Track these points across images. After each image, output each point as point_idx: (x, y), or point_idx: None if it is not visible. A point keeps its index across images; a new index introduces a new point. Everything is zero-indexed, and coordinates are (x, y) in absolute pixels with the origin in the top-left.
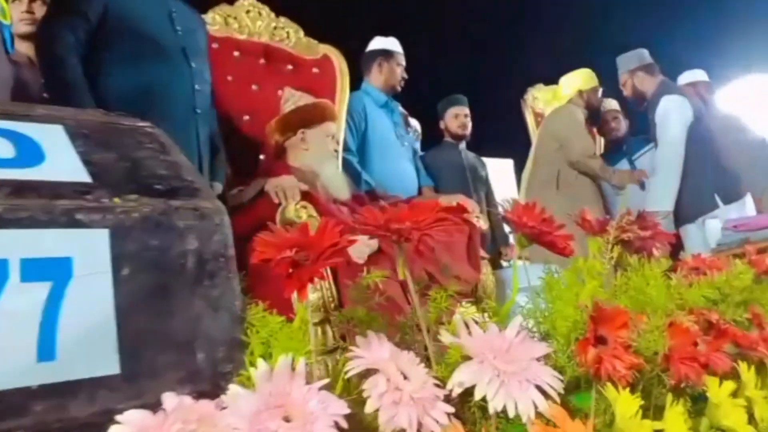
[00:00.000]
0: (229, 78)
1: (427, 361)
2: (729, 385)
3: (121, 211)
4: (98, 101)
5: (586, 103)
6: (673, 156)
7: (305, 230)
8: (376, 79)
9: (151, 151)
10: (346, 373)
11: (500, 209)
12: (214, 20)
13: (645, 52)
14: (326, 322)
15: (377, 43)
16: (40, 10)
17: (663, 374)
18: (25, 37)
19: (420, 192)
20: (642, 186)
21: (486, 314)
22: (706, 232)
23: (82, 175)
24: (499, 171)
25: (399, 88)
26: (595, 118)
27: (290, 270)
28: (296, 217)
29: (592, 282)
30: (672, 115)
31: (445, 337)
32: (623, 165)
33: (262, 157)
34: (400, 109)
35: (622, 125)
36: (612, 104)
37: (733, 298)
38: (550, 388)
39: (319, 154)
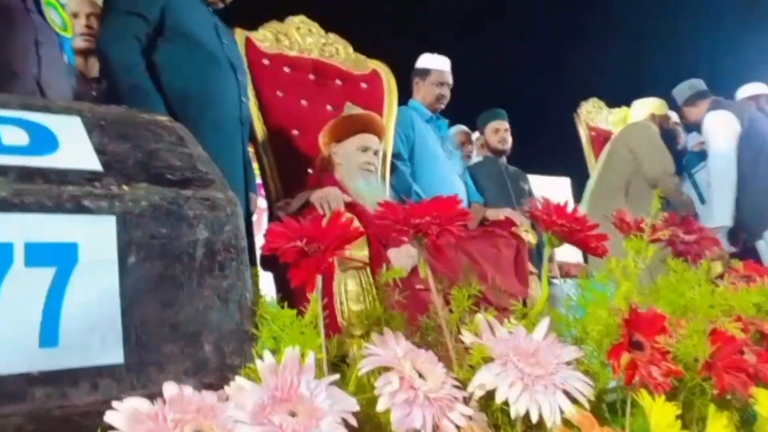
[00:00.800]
0: (279, 93)
1: (448, 362)
2: None
3: (130, 199)
4: None
5: (658, 126)
6: (723, 170)
7: (317, 222)
8: (416, 96)
9: (168, 143)
10: (359, 370)
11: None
12: (265, 37)
13: (696, 81)
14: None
15: (419, 61)
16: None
17: (705, 383)
18: (80, 52)
19: (469, 207)
20: (702, 200)
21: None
22: None
23: (94, 164)
24: (556, 189)
25: (439, 106)
26: (667, 140)
27: (298, 260)
28: None
29: (625, 283)
30: (716, 130)
31: (468, 338)
32: (683, 179)
33: (311, 171)
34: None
35: (682, 138)
36: (672, 116)
37: None
38: (579, 393)
39: (348, 168)
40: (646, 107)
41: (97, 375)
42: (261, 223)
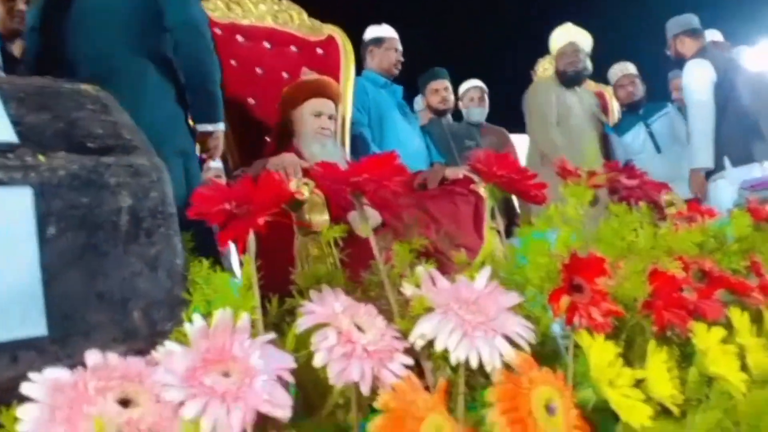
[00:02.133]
0: (233, 63)
1: (390, 315)
2: (718, 332)
3: (47, 169)
4: None
5: (555, 68)
6: (700, 115)
7: (247, 184)
8: (370, 65)
9: (91, 112)
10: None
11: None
12: (216, 6)
13: (692, 17)
14: None
15: (368, 32)
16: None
17: (645, 322)
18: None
19: (431, 167)
20: (658, 150)
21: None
22: (717, 193)
23: (8, 135)
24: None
25: (395, 71)
26: (571, 78)
27: (226, 222)
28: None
29: (565, 229)
30: (692, 77)
31: (408, 289)
32: (639, 129)
33: (268, 139)
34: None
35: (639, 89)
36: (629, 68)
37: (729, 246)
38: (519, 337)
39: (304, 134)
40: (551, 55)
41: (17, 348)
42: None
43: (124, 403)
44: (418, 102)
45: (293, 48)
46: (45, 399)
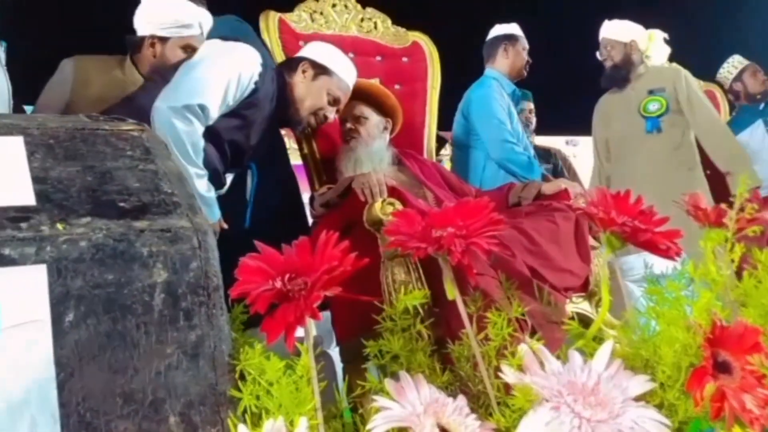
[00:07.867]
0: None
1: (485, 406)
2: None
3: (65, 240)
4: None
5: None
6: None
7: (304, 249)
8: (501, 64)
9: (129, 160)
10: None
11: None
12: (300, 18)
13: None
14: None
15: (499, 29)
16: None
17: None
18: None
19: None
20: None
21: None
22: None
23: (25, 197)
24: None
25: (525, 73)
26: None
27: (276, 305)
28: (383, 215)
29: (706, 293)
30: None
31: (510, 375)
32: (758, 126)
33: None
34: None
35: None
36: (743, 60)
37: None
38: None
39: None
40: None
41: None
42: None
43: None
44: None
45: (378, 57)
46: None
